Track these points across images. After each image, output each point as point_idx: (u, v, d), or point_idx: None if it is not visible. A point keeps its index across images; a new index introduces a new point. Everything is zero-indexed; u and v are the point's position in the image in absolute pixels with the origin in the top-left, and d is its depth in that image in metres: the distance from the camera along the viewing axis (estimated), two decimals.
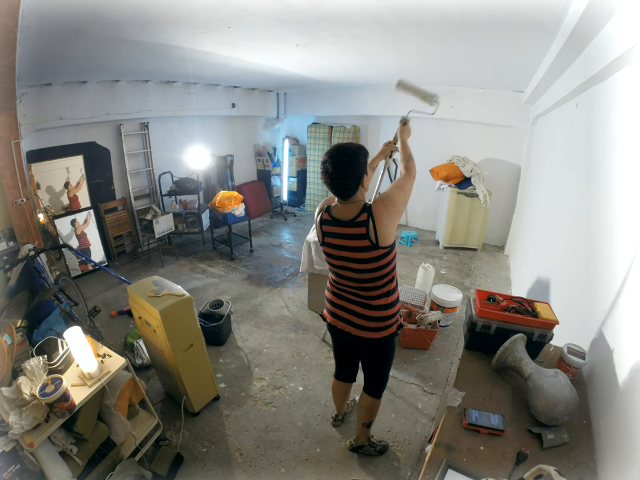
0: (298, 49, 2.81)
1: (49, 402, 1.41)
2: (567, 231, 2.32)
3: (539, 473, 0.94)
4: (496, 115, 4.71)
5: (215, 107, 5.56)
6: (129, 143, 4.64)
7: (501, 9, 1.70)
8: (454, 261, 4.84)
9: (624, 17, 1.34)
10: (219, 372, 2.73)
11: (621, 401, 1.14)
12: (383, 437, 2.22)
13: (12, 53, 1.74)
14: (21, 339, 2.21)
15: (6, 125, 2.90)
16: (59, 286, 2.61)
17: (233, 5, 1.78)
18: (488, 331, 1.57)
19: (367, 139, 6.25)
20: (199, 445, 2.15)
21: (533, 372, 1.33)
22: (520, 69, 3.15)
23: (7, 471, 1.47)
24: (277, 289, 4.02)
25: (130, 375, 1.93)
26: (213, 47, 2.74)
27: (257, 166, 7.06)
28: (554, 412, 1.20)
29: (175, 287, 2.08)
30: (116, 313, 3.48)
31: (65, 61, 2.82)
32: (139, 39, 2.39)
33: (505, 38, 2.22)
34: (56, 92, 3.68)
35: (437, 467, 1.13)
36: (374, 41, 2.53)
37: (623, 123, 1.56)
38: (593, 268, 1.69)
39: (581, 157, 2.23)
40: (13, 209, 3.11)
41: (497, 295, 1.71)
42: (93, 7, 1.72)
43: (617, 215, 1.49)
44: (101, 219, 4.45)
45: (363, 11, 1.89)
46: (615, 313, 1.34)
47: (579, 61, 2.03)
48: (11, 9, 1.35)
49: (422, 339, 2.93)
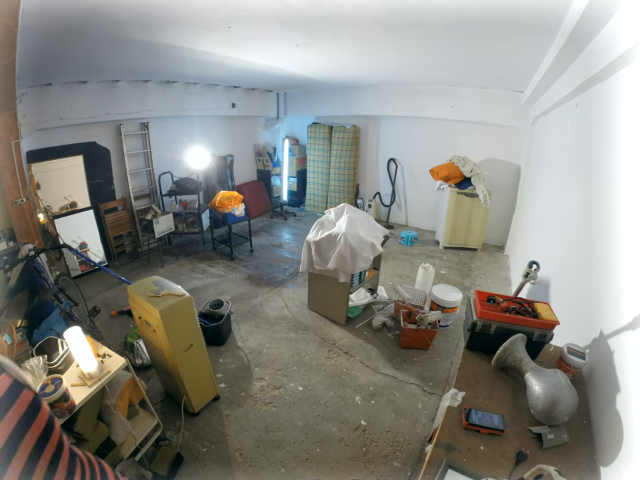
0: (298, 49, 2.81)
1: (49, 402, 1.41)
2: (567, 231, 2.32)
3: (539, 473, 0.94)
4: (496, 114, 4.71)
5: (215, 106, 5.56)
6: (128, 142, 4.64)
7: (501, 9, 1.70)
8: (454, 261, 4.84)
9: (624, 16, 1.34)
10: (218, 372, 2.73)
11: (621, 401, 1.14)
12: (382, 436, 2.22)
13: (12, 53, 1.73)
14: (20, 339, 2.21)
15: (6, 125, 2.90)
16: (58, 286, 2.61)
17: (233, 4, 1.78)
18: (488, 331, 1.57)
19: (367, 139, 6.26)
20: (198, 445, 2.15)
21: (532, 372, 1.33)
22: (520, 68, 3.15)
23: None
24: (277, 289, 4.02)
25: (130, 375, 1.93)
26: (213, 46, 2.74)
27: (256, 166, 7.06)
28: (554, 412, 1.20)
29: (174, 287, 2.08)
30: (116, 313, 3.48)
31: (65, 61, 2.83)
32: (139, 39, 2.39)
33: (505, 38, 2.22)
34: (56, 92, 3.68)
35: (436, 467, 1.13)
36: (374, 41, 2.53)
37: (623, 123, 1.56)
38: (593, 268, 1.69)
39: (581, 156, 2.23)
40: (13, 209, 3.11)
41: (497, 296, 1.71)
42: (93, 7, 1.72)
43: (618, 215, 1.49)
44: (101, 218, 4.45)
45: (362, 11, 1.89)
46: (615, 313, 1.34)
47: (579, 60, 2.03)
48: (11, 8, 1.34)
49: (422, 339, 2.93)
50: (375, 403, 2.47)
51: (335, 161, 6.31)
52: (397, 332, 3.19)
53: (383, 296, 3.78)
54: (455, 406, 1.35)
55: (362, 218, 3.28)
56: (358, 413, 2.39)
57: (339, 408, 2.43)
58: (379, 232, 3.37)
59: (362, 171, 6.53)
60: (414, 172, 5.95)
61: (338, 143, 6.17)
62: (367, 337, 3.16)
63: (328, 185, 6.57)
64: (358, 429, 2.28)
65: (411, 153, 5.84)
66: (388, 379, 2.69)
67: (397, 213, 6.35)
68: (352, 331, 3.25)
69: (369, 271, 3.49)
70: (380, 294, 3.77)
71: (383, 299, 3.73)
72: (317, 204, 6.86)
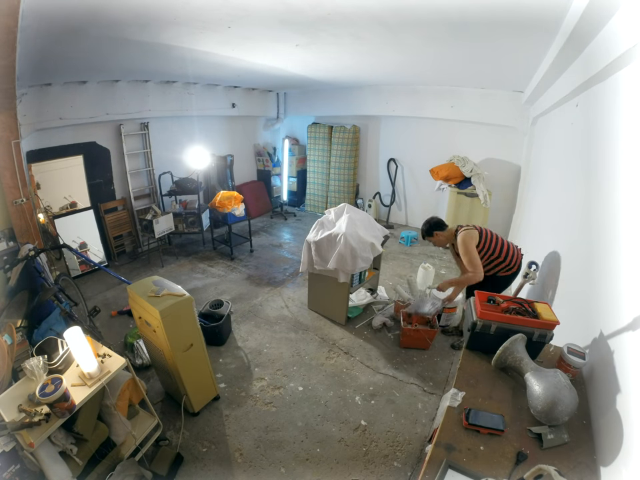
0: (298, 49, 2.81)
1: (49, 402, 1.41)
2: (567, 231, 2.32)
3: (539, 473, 0.94)
4: (496, 114, 4.71)
5: (215, 106, 5.56)
6: (129, 143, 4.64)
7: (501, 9, 1.70)
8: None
9: (624, 16, 1.34)
10: (219, 372, 2.73)
11: (621, 401, 1.14)
12: (382, 436, 2.22)
13: (12, 53, 1.73)
14: (20, 339, 2.21)
15: (6, 125, 2.90)
16: (59, 286, 2.61)
17: (233, 4, 1.78)
18: (488, 331, 1.57)
19: (367, 139, 6.26)
20: (199, 445, 2.15)
21: (532, 372, 1.33)
22: (520, 69, 3.15)
23: (7, 471, 1.47)
24: (277, 289, 4.02)
25: (130, 375, 1.93)
26: (213, 46, 2.74)
27: (257, 166, 7.06)
28: (554, 412, 1.20)
29: (175, 287, 2.08)
30: (116, 313, 3.48)
31: (65, 61, 2.82)
32: (139, 39, 2.39)
33: (505, 38, 2.22)
34: (56, 92, 3.68)
35: (436, 467, 1.13)
36: (374, 41, 2.53)
37: (623, 123, 1.56)
38: (593, 268, 1.69)
39: (581, 156, 2.23)
40: (13, 209, 3.11)
41: (497, 296, 1.71)
42: (93, 7, 1.72)
43: (618, 215, 1.49)
44: (101, 218, 4.45)
45: (362, 11, 1.89)
46: (615, 313, 1.34)
47: (579, 60, 2.03)
48: (11, 8, 1.34)
49: (422, 339, 2.93)
50: (375, 403, 2.47)
51: (334, 161, 6.31)
52: (397, 332, 3.19)
53: (383, 296, 3.78)
54: (455, 406, 1.35)
55: (362, 218, 3.28)
56: (358, 413, 2.39)
57: (339, 408, 2.43)
58: (379, 232, 3.37)
59: (362, 171, 6.53)
60: (414, 172, 5.95)
61: (338, 143, 6.17)
62: (366, 337, 3.16)
63: (328, 185, 6.57)
64: (358, 429, 2.28)
65: (411, 153, 5.84)
66: (388, 378, 2.69)
67: (397, 213, 6.35)
68: (352, 330, 3.25)
69: (369, 271, 3.49)
70: (380, 294, 3.77)
71: (382, 299, 3.73)
72: (317, 204, 6.86)
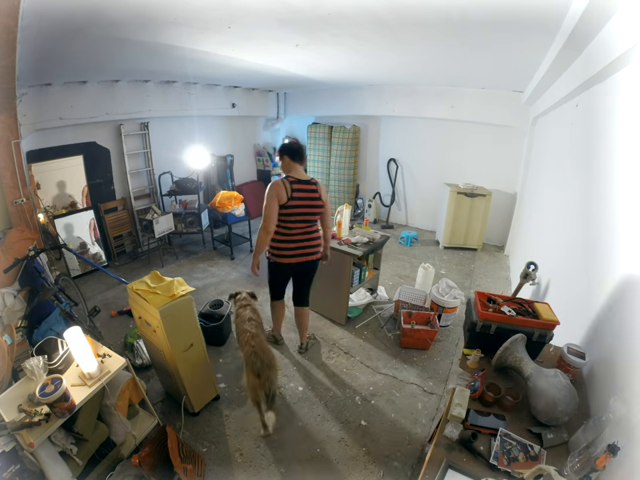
0: (298, 49, 2.81)
1: (49, 402, 1.41)
2: (567, 231, 2.32)
3: (539, 473, 0.94)
4: (496, 115, 4.71)
5: (215, 107, 5.56)
6: (129, 143, 4.64)
7: (502, 9, 1.70)
8: (454, 261, 4.84)
9: (624, 17, 1.34)
10: (218, 372, 2.73)
11: (621, 401, 1.14)
12: (382, 436, 2.22)
13: (12, 53, 1.74)
14: (20, 339, 2.22)
15: (6, 125, 2.90)
16: (59, 286, 2.61)
17: (233, 4, 1.78)
18: (488, 331, 1.57)
19: (367, 139, 6.26)
20: (199, 445, 2.15)
21: (532, 372, 1.33)
22: (520, 69, 3.15)
23: (7, 471, 1.47)
24: None
25: (130, 375, 1.93)
26: (213, 47, 2.74)
27: (256, 166, 7.06)
28: (554, 412, 1.20)
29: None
30: (116, 313, 3.48)
31: (65, 61, 2.82)
32: (139, 39, 2.39)
33: (505, 38, 2.22)
34: (56, 92, 3.68)
35: (436, 466, 1.13)
36: (374, 41, 2.53)
37: (623, 123, 1.56)
38: (593, 268, 1.69)
39: (580, 157, 2.23)
40: (13, 209, 3.11)
41: (497, 297, 1.71)
42: (93, 7, 1.72)
43: (617, 215, 1.49)
44: (101, 218, 4.45)
45: (362, 11, 1.89)
46: (615, 313, 1.34)
47: (579, 61, 2.03)
48: (11, 8, 1.34)
49: (422, 339, 2.93)
50: (375, 403, 2.47)
51: (335, 161, 6.32)
52: (397, 332, 3.19)
53: (383, 296, 3.78)
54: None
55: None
56: (358, 413, 2.39)
57: (339, 408, 2.43)
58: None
59: (362, 171, 6.53)
60: (414, 172, 5.95)
61: (338, 143, 6.17)
62: (366, 337, 3.16)
63: (328, 185, 6.57)
64: (358, 429, 2.28)
65: (411, 153, 5.84)
66: (388, 378, 2.69)
67: (397, 213, 6.36)
68: (352, 331, 3.25)
69: (369, 271, 3.49)
70: (380, 294, 3.77)
71: (382, 299, 3.73)
72: None
